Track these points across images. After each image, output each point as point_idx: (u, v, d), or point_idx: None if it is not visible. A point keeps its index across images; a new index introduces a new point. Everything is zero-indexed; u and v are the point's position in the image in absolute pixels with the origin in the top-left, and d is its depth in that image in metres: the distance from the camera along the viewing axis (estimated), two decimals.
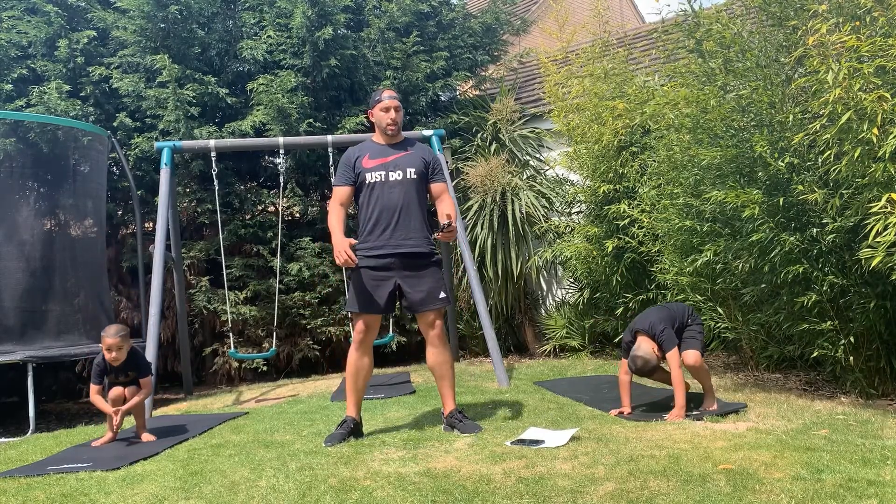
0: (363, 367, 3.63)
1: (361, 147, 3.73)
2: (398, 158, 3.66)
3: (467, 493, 2.53)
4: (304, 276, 6.73)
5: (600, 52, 6.65)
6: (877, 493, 2.28)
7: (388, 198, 3.60)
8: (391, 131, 3.67)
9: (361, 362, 3.63)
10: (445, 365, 3.63)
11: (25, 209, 5.97)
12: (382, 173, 3.62)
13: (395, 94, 3.70)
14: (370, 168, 3.63)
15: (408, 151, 3.70)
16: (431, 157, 3.75)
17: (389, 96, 3.67)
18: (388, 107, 3.66)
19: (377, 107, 3.69)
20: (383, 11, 7.34)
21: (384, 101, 3.66)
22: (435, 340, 3.62)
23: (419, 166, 3.67)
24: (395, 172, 3.62)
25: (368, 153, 3.68)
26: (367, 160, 3.65)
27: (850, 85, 3.28)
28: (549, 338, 6.89)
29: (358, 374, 3.64)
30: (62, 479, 3.13)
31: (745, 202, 3.83)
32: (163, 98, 6.50)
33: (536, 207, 6.87)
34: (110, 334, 3.91)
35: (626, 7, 16.08)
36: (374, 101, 3.72)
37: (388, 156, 3.66)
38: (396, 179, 3.61)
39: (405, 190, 3.62)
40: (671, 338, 3.66)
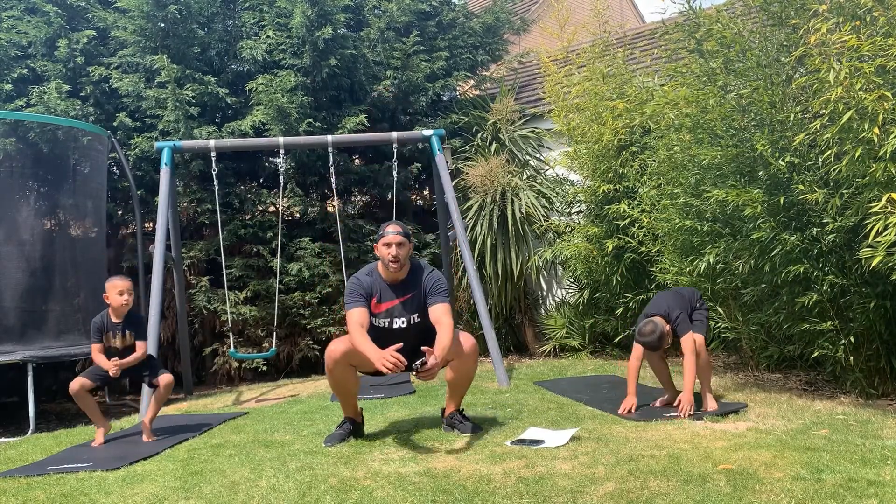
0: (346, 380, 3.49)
1: (371, 281, 3.53)
2: (402, 304, 3.51)
3: (467, 493, 2.53)
4: (304, 276, 6.72)
5: (601, 52, 6.65)
6: (877, 493, 2.28)
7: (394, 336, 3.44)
8: (393, 268, 3.48)
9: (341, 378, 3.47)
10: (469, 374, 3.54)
11: (25, 209, 5.98)
12: (387, 320, 3.52)
13: (400, 228, 3.50)
14: (376, 314, 3.51)
15: (411, 295, 3.52)
16: (430, 282, 3.53)
17: (393, 231, 3.48)
18: (391, 242, 3.46)
19: (381, 241, 3.50)
20: (383, 11, 7.34)
21: (387, 237, 3.47)
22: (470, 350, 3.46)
23: (421, 306, 3.52)
24: (398, 320, 3.51)
25: (377, 294, 3.52)
26: (375, 302, 3.51)
27: (852, 84, 3.28)
28: (549, 338, 6.89)
29: (344, 389, 3.53)
30: (62, 479, 3.13)
31: (746, 201, 3.83)
32: (162, 98, 6.50)
33: (536, 207, 6.87)
34: (120, 278, 3.91)
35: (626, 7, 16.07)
36: (378, 236, 3.55)
37: (393, 300, 3.52)
38: (400, 327, 3.51)
39: (407, 334, 3.48)
40: (686, 322, 3.70)
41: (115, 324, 3.92)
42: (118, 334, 3.94)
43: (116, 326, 3.93)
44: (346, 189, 7.53)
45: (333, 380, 3.49)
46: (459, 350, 3.43)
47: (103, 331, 3.92)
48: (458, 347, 3.42)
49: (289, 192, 7.02)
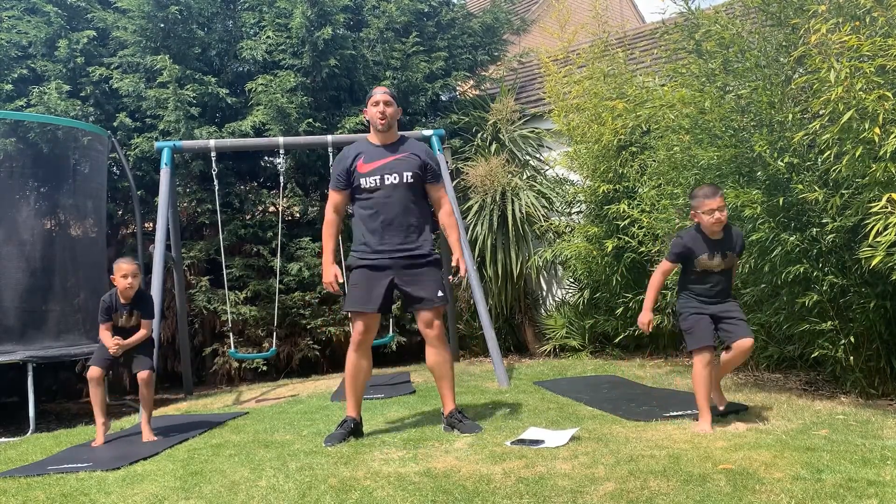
0: (363, 368, 3.62)
1: (357, 148, 3.67)
2: (393, 161, 3.59)
3: (467, 493, 2.53)
4: (304, 276, 6.73)
5: (601, 52, 6.66)
6: (877, 493, 2.28)
7: (385, 203, 3.56)
8: (381, 126, 3.59)
9: (360, 363, 3.61)
10: (445, 365, 3.62)
11: (25, 209, 5.98)
12: (377, 178, 3.56)
13: (387, 90, 3.64)
14: (365, 173, 3.58)
15: (403, 154, 3.63)
16: (428, 156, 3.68)
17: (381, 91, 3.61)
18: (378, 101, 3.59)
19: (369, 102, 3.64)
20: (382, 11, 7.34)
21: (375, 96, 3.61)
22: (434, 340, 3.60)
23: (415, 168, 3.61)
24: (390, 176, 3.56)
25: (363, 156, 3.61)
26: (361, 164, 3.59)
27: (852, 84, 3.28)
28: (549, 338, 6.89)
29: (357, 376, 3.63)
30: (62, 479, 3.13)
31: (745, 202, 3.83)
32: (163, 98, 6.50)
33: (536, 207, 6.87)
34: (126, 261, 3.96)
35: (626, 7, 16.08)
36: (366, 98, 3.68)
37: (383, 158, 3.59)
38: (392, 184, 3.56)
39: (401, 194, 3.57)
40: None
41: (122, 304, 3.95)
42: (125, 314, 3.99)
43: (124, 307, 3.97)
44: None
45: (355, 359, 3.60)
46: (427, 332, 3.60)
47: (112, 310, 3.95)
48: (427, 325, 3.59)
49: (289, 192, 7.02)
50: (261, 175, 7.70)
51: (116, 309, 3.96)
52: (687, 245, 3.44)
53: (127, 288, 3.91)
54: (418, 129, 7.01)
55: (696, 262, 3.43)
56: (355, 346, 3.59)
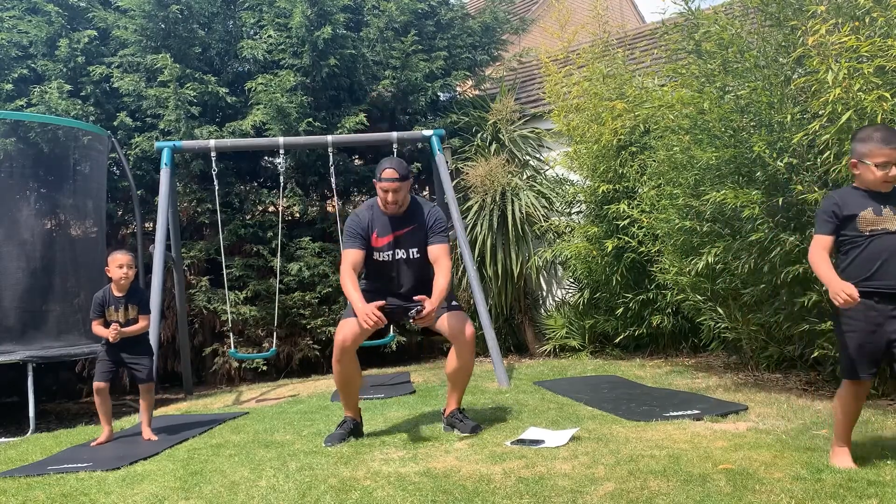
0: (351, 376, 3.53)
1: (371, 216, 3.58)
2: (403, 236, 3.56)
3: (467, 493, 2.53)
4: (304, 276, 6.73)
5: (601, 53, 6.66)
6: (877, 493, 2.28)
7: (393, 273, 3.55)
8: (391, 210, 3.55)
9: (347, 371, 3.50)
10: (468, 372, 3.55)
11: (26, 209, 5.98)
12: (389, 253, 3.56)
13: (395, 172, 3.48)
14: (377, 247, 3.56)
15: (411, 227, 3.57)
16: (432, 217, 3.59)
17: (388, 177, 3.47)
18: (387, 188, 3.48)
19: (378, 184, 3.53)
20: (382, 11, 7.34)
21: (383, 183, 3.48)
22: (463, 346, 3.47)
23: (423, 241, 3.57)
24: (400, 251, 3.56)
25: (377, 228, 3.56)
26: (375, 237, 3.55)
27: (850, 85, 3.29)
28: (549, 338, 6.89)
29: (349, 383, 3.55)
30: (62, 479, 3.13)
31: (745, 202, 3.83)
32: (163, 97, 6.50)
33: (536, 207, 6.87)
34: (121, 252, 3.93)
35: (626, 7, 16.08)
36: (377, 173, 3.55)
37: (393, 232, 3.57)
38: (402, 258, 3.56)
39: (410, 266, 3.56)
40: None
41: (117, 298, 3.94)
42: (120, 308, 3.95)
43: (119, 300, 3.94)
44: (346, 189, 7.53)
45: (340, 370, 3.49)
46: (462, 331, 3.43)
47: (105, 305, 3.94)
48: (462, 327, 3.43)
49: (289, 192, 7.03)
50: (261, 175, 7.70)
51: (110, 303, 3.93)
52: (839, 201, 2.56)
53: (122, 278, 3.88)
54: (418, 129, 7.01)
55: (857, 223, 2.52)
56: (340, 355, 3.45)
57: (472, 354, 3.51)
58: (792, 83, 3.84)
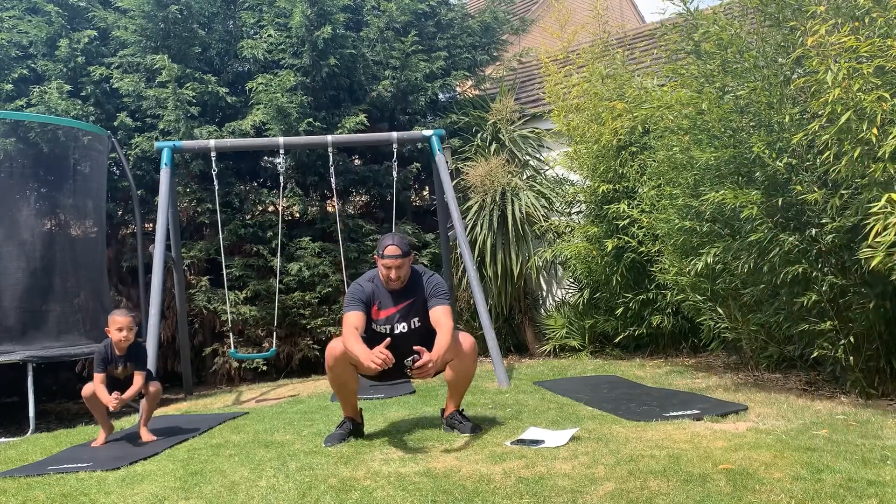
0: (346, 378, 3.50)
1: (373, 288, 3.56)
2: (403, 309, 3.55)
3: (467, 493, 2.53)
4: (304, 276, 6.73)
5: (601, 53, 6.66)
6: (877, 493, 2.29)
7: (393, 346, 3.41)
8: (393, 286, 3.55)
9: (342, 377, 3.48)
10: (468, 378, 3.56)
11: (26, 209, 5.98)
12: (388, 326, 3.56)
13: (398, 249, 3.48)
14: (377, 320, 3.55)
15: (412, 300, 3.56)
16: (430, 285, 3.57)
17: (391, 254, 3.47)
18: (390, 266, 3.48)
19: (380, 261, 3.53)
20: (382, 11, 7.34)
21: (385, 260, 3.48)
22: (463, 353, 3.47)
23: (423, 313, 3.55)
24: (399, 325, 3.55)
25: (378, 301, 3.55)
26: (375, 309, 3.54)
27: (850, 85, 3.28)
28: (549, 338, 6.89)
29: (344, 387, 3.54)
30: (62, 479, 3.13)
31: (744, 202, 3.83)
32: (163, 98, 6.50)
33: (536, 207, 6.87)
34: (121, 314, 3.95)
35: (626, 7, 16.07)
36: (379, 250, 3.54)
37: (394, 306, 3.56)
38: (402, 332, 3.54)
39: (408, 340, 3.49)
40: None
41: (117, 356, 3.95)
42: (120, 365, 3.98)
43: (119, 359, 3.96)
44: (346, 189, 7.53)
45: (334, 377, 3.49)
46: (459, 349, 3.44)
47: (108, 362, 3.95)
48: (458, 347, 3.44)
49: (289, 192, 7.03)
50: (261, 175, 7.70)
51: (112, 360, 3.96)
52: None
53: (122, 340, 3.91)
54: (418, 128, 7.01)
55: None
56: (330, 364, 3.43)
57: (473, 362, 3.52)
58: (791, 83, 3.84)
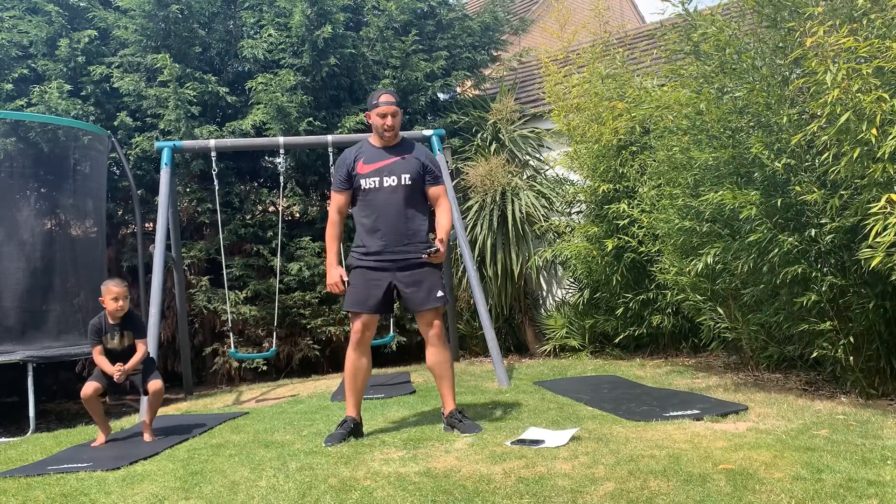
0: (362, 367, 3.63)
1: (358, 150, 3.68)
2: (393, 164, 3.61)
3: (467, 493, 2.53)
4: (304, 276, 6.73)
5: (601, 53, 6.66)
6: (877, 493, 2.29)
7: (383, 204, 3.58)
8: (387, 137, 3.63)
9: (360, 363, 3.62)
10: (445, 364, 3.63)
11: (26, 209, 5.98)
12: (377, 179, 3.58)
13: (392, 97, 3.62)
14: (365, 174, 3.60)
15: (404, 157, 3.64)
16: (428, 159, 3.69)
17: (386, 101, 3.60)
18: (385, 112, 3.59)
19: (374, 111, 3.62)
20: (382, 10, 7.34)
21: (381, 107, 3.59)
22: (434, 340, 3.61)
23: (415, 170, 3.62)
24: (389, 178, 3.58)
25: (364, 157, 3.63)
26: (361, 165, 3.61)
27: (849, 86, 3.29)
28: (549, 338, 6.90)
29: (357, 375, 3.63)
30: (62, 479, 3.13)
31: (743, 203, 3.83)
32: (163, 97, 6.51)
33: (536, 207, 6.88)
34: (115, 283, 3.94)
35: (626, 7, 16.08)
36: (371, 104, 3.65)
37: (384, 160, 3.61)
38: (391, 185, 3.57)
39: (400, 196, 3.58)
40: None
41: (112, 325, 3.94)
42: (116, 335, 3.95)
43: (114, 328, 3.94)
44: None
45: (355, 358, 3.61)
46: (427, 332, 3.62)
47: (101, 332, 3.94)
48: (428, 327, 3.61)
49: (289, 192, 7.03)
50: (261, 174, 7.70)
51: (106, 331, 3.94)
52: None
53: (117, 310, 3.90)
54: (418, 128, 7.01)
55: None
56: (354, 345, 3.61)
57: (443, 347, 3.63)
58: (790, 84, 3.84)
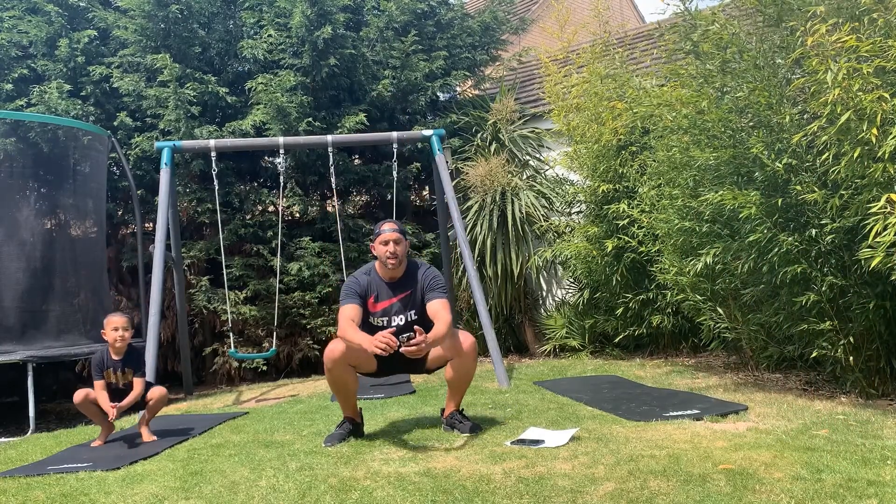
0: (347, 382, 3.49)
1: (367, 279, 3.57)
2: (400, 302, 3.55)
3: (467, 493, 2.53)
4: (304, 276, 6.73)
5: (601, 53, 6.66)
6: (877, 493, 2.29)
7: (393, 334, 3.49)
8: (391, 265, 3.51)
9: (341, 378, 3.45)
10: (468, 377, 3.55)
11: (26, 209, 5.98)
12: (385, 319, 3.55)
13: (396, 226, 3.54)
14: (374, 312, 3.55)
15: (408, 292, 3.55)
16: (427, 278, 3.56)
17: (390, 229, 3.51)
18: (388, 240, 3.49)
19: (377, 240, 3.53)
20: (382, 11, 7.35)
21: (384, 234, 3.50)
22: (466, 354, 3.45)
23: (419, 302, 3.54)
24: (397, 317, 3.54)
25: (374, 294, 3.55)
26: (371, 303, 3.54)
27: (850, 85, 3.28)
28: (549, 338, 6.89)
29: (344, 388, 3.52)
30: (62, 479, 3.13)
31: (743, 203, 3.83)
32: (163, 97, 6.51)
33: (536, 207, 6.87)
34: (117, 314, 3.96)
35: (626, 7, 16.07)
36: (374, 234, 3.57)
37: (390, 299, 3.55)
38: (399, 325, 3.53)
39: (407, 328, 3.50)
40: None
41: (114, 361, 3.94)
42: (118, 371, 3.96)
43: (116, 364, 3.95)
44: (346, 189, 7.53)
45: (332, 379, 3.48)
46: (459, 349, 3.44)
47: (103, 367, 3.94)
48: (458, 346, 3.44)
49: (289, 192, 7.03)
50: (261, 174, 7.71)
51: (108, 365, 3.94)
52: None
53: (118, 340, 3.90)
54: (418, 128, 7.01)
55: None
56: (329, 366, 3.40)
57: (474, 361, 3.50)
58: (791, 84, 3.84)
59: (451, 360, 3.46)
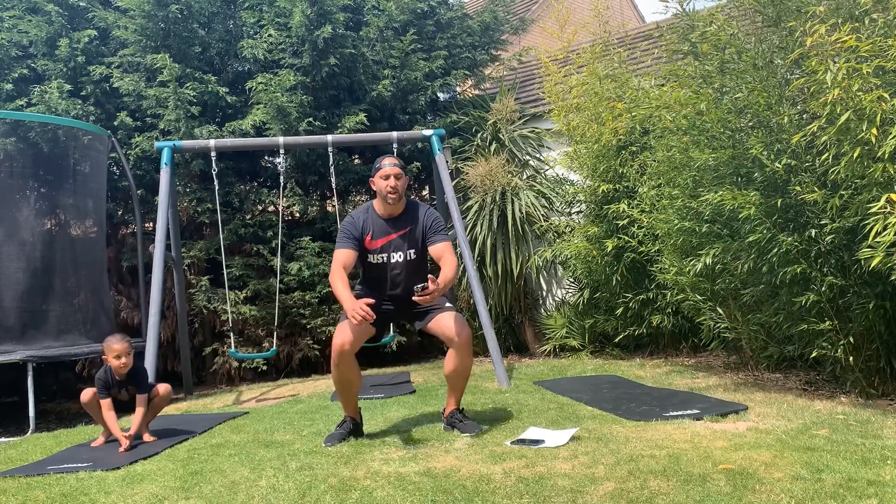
0: (350, 380, 3.51)
1: (364, 217, 3.60)
2: (399, 238, 3.56)
3: (467, 493, 2.53)
4: (304, 276, 6.73)
5: (601, 53, 6.66)
6: (877, 493, 2.29)
7: (390, 276, 3.56)
8: (392, 199, 3.53)
9: (347, 374, 3.48)
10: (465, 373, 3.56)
11: (26, 209, 5.98)
12: (384, 256, 3.56)
13: (396, 161, 3.57)
14: (372, 250, 3.56)
15: (407, 228, 3.58)
16: (429, 220, 3.60)
17: (390, 163, 3.54)
18: (388, 174, 3.51)
19: (377, 174, 3.55)
20: (382, 10, 7.35)
21: (384, 168, 3.52)
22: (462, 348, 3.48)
23: (418, 242, 3.57)
24: (396, 254, 3.55)
25: (371, 231, 3.56)
26: (369, 240, 3.56)
27: (850, 85, 3.28)
28: (549, 338, 6.89)
29: (349, 387, 3.53)
30: (62, 479, 3.13)
31: (743, 203, 3.83)
32: (163, 97, 6.51)
33: (536, 207, 6.87)
34: (116, 340, 3.92)
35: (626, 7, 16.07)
36: (374, 169, 3.59)
37: (390, 234, 3.56)
38: (397, 261, 3.55)
39: (406, 267, 3.56)
40: None
41: (118, 381, 3.94)
42: (122, 390, 3.98)
43: (120, 384, 3.95)
44: (346, 188, 7.53)
45: (338, 374, 3.47)
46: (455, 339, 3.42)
47: (109, 387, 3.94)
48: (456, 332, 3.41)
49: (289, 192, 7.03)
50: (261, 174, 7.71)
51: (112, 385, 3.94)
52: None
53: (121, 367, 3.90)
54: (418, 128, 7.01)
55: None
56: (336, 361, 3.40)
57: (469, 356, 3.49)
58: (790, 84, 3.84)
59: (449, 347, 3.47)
